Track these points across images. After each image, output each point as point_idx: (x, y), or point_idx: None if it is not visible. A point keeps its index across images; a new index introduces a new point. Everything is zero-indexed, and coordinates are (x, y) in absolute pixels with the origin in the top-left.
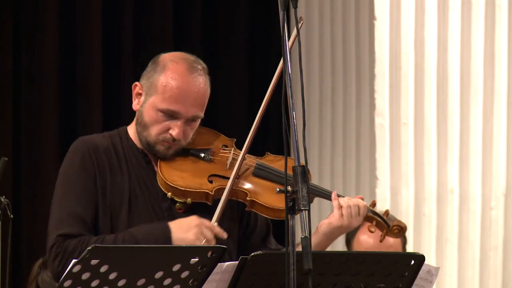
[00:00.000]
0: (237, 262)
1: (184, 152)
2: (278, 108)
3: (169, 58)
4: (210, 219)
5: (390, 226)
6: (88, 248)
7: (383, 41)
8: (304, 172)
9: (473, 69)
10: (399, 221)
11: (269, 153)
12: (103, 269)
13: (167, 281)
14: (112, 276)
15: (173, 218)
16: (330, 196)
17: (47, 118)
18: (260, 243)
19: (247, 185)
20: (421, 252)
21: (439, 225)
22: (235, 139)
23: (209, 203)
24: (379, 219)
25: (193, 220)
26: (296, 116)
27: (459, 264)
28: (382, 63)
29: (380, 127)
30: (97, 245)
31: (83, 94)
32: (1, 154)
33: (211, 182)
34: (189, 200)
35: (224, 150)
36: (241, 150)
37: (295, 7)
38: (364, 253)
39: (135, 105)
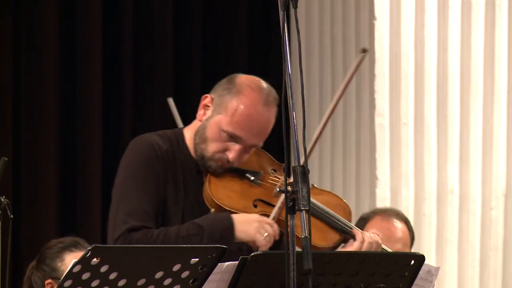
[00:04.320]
0: (237, 262)
1: (234, 170)
2: (278, 108)
3: (246, 83)
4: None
5: None
6: (88, 248)
7: (383, 41)
8: (304, 172)
9: (473, 69)
10: None
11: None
12: (103, 269)
13: (167, 281)
14: (112, 276)
15: None
16: (352, 231)
17: (47, 118)
18: None
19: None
20: (421, 252)
21: (439, 225)
22: (283, 164)
23: None
24: None
25: (254, 215)
26: (296, 116)
27: (459, 264)
28: (382, 63)
29: (380, 127)
30: (97, 245)
31: (83, 94)
32: (1, 154)
33: (255, 206)
34: None
35: (274, 175)
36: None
37: (295, 7)
38: (364, 253)
39: (200, 116)
